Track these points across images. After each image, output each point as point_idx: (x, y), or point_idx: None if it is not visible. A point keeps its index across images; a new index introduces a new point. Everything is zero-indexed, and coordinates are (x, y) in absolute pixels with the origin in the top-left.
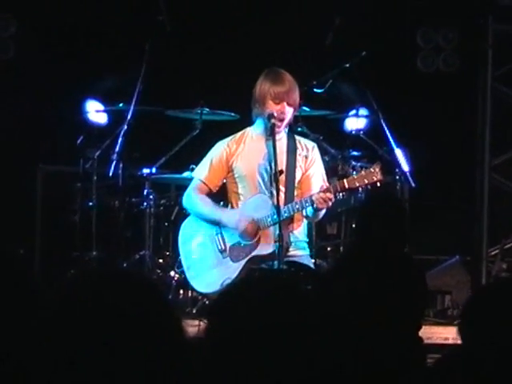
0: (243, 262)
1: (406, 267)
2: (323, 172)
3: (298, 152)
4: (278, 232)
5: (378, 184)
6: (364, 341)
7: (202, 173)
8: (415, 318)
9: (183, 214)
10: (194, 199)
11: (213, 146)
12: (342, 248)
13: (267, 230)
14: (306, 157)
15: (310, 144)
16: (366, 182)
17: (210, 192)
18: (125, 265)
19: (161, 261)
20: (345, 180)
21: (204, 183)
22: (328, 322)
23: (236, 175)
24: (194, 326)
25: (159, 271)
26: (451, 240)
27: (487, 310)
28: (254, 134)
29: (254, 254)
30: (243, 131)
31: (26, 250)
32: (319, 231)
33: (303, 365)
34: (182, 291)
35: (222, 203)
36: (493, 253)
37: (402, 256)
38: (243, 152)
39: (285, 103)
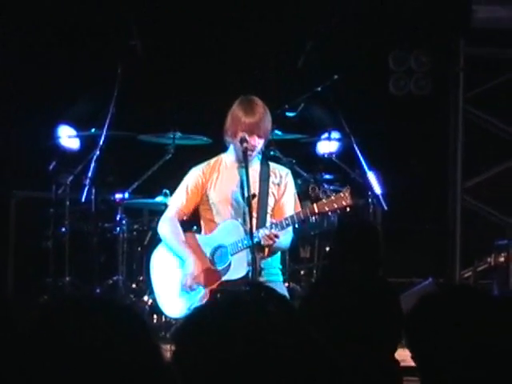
0: (213, 287)
1: (380, 291)
2: (295, 198)
3: (271, 179)
4: (250, 256)
5: (348, 209)
6: (338, 365)
7: (178, 200)
8: (390, 340)
9: (156, 239)
10: (168, 229)
11: (187, 171)
12: (315, 271)
13: (239, 254)
14: (279, 184)
15: (284, 171)
16: (336, 206)
17: (185, 218)
18: (98, 290)
19: (134, 286)
20: (314, 205)
21: (180, 211)
22: (296, 344)
23: (210, 201)
24: (167, 351)
25: (132, 296)
26: (424, 262)
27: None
28: (227, 160)
29: (224, 278)
30: (217, 158)
31: None
32: (292, 254)
33: None
34: (155, 316)
35: (195, 228)
36: (466, 275)
37: (375, 280)
38: (217, 179)
39: (255, 136)
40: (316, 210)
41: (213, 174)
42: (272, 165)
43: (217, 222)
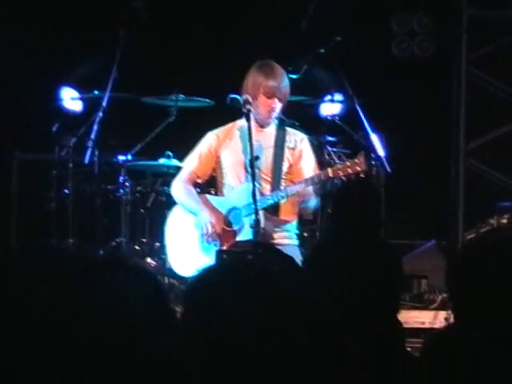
0: (225, 248)
1: (381, 252)
2: (313, 163)
3: (286, 144)
4: (254, 217)
5: (362, 175)
6: (341, 327)
7: (191, 163)
8: (392, 302)
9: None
10: (180, 190)
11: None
12: (318, 233)
13: (251, 216)
14: (293, 148)
15: (299, 136)
16: (350, 171)
17: (199, 181)
18: (101, 252)
19: (137, 247)
20: (329, 169)
21: (193, 173)
22: (300, 306)
23: (223, 166)
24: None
25: (135, 258)
26: (427, 224)
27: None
28: (242, 126)
29: (237, 239)
30: (233, 123)
31: (1, 237)
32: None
33: (277, 347)
34: (158, 277)
35: (212, 191)
36: (469, 237)
37: (377, 240)
38: (231, 143)
39: (276, 99)
40: (330, 175)
41: (226, 139)
42: (288, 129)
43: (230, 185)
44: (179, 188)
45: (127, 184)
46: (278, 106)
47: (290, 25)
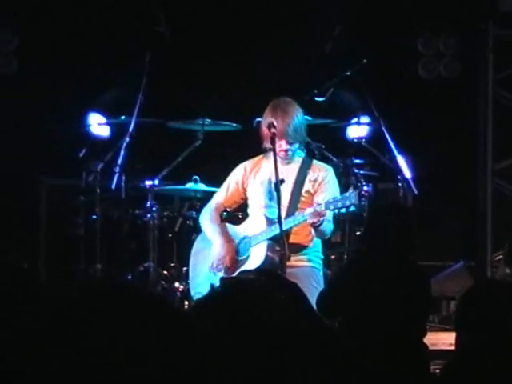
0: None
1: (411, 274)
2: (335, 193)
3: (308, 177)
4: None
5: (352, 208)
6: (351, 352)
7: (219, 194)
8: (420, 324)
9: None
10: (206, 217)
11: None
12: (345, 256)
13: (258, 246)
14: (315, 180)
15: (324, 168)
16: (340, 205)
17: (227, 211)
18: (129, 277)
19: (165, 272)
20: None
21: (221, 204)
22: (304, 332)
23: (248, 196)
24: None
25: (164, 283)
26: (455, 245)
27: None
28: (269, 157)
29: (242, 268)
30: (263, 155)
31: (30, 263)
32: (323, 240)
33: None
34: (186, 302)
35: (240, 215)
36: (497, 258)
37: (407, 263)
38: (257, 174)
39: (284, 141)
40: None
41: (254, 169)
42: (314, 162)
43: (251, 213)
44: (205, 216)
45: (154, 209)
46: (287, 146)
47: (316, 48)
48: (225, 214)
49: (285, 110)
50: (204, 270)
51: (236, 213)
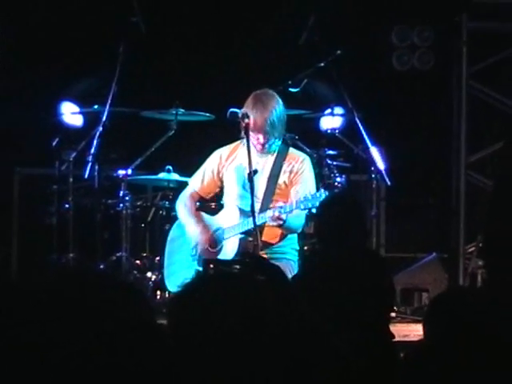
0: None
1: (367, 262)
2: (310, 186)
3: (284, 168)
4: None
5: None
6: (331, 339)
7: (195, 182)
8: (383, 311)
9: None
10: (182, 205)
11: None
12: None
13: (230, 239)
14: (291, 171)
15: (300, 157)
16: (310, 205)
17: (203, 198)
18: (102, 266)
19: (138, 262)
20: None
21: (195, 193)
22: (288, 318)
23: (225, 184)
24: None
25: (136, 272)
26: (428, 237)
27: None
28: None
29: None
30: (239, 141)
31: (2, 252)
32: None
33: (262, 360)
34: (159, 292)
35: (212, 206)
36: (469, 250)
37: (362, 252)
38: (233, 163)
39: (261, 134)
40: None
41: (230, 157)
42: (291, 151)
43: (228, 204)
44: (180, 204)
45: (127, 198)
46: (266, 138)
47: (290, 39)
48: (198, 203)
49: (264, 104)
50: (179, 258)
51: (209, 203)
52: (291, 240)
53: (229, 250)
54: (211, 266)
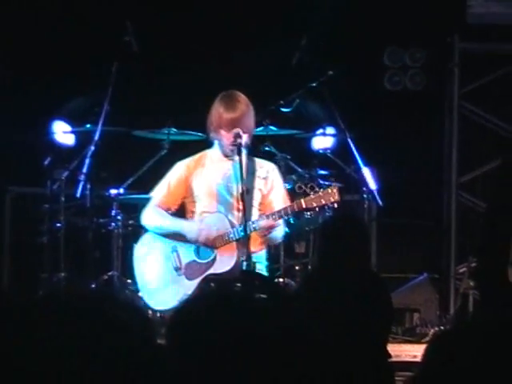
0: (198, 280)
1: (369, 284)
2: (284, 193)
3: (257, 174)
4: (242, 249)
5: (336, 205)
6: (330, 356)
7: (160, 193)
8: (381, 333)
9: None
10: (153, 214)
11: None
12: (310, 267)
13: (224, 248)
14: (265, 178)
15: (270, 165)
16: (323, 202)
17: (168, 211)
18: (93, 285)
19: (129, 281)
20: (302, 200)
21: (162, 203)
22: (288, 334)
23: (195, 194)
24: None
25: (127, 291)
26: (419, 258)
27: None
28: (212, 155)
29: (209, 271)
30: (202, 153)
31: None
32: (287, 250)
33: (263, 377)
34: (150, 312)
35: None
36: (461, 270)
37: (365, 273)
38: (202, 172)
39: (246, 135)
40: (304, 205)
41: (197, 168)
42: (257, 160)
43: (202, 215)
44: (151, 214)
45: (119, 217)
46: (243, 137)
47: (282, 59)
48: None
49: (236, 99)
50: (158, 276)
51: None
52: (263, 256)
53: (225, 260)
54: (212, 284)
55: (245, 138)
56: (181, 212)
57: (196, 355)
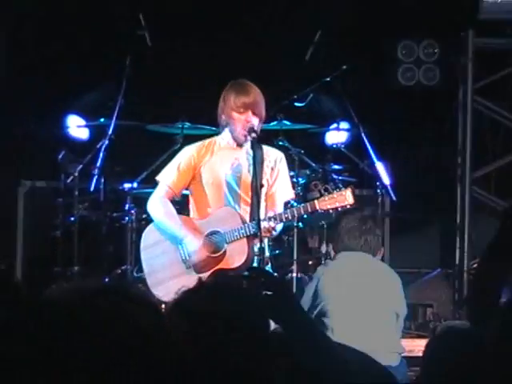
0: (206, 275)
1: None
2: (288, 184)
3: (265, 163)
4: (259, 245)
5: (349, 207)
6: (338, 352)
7: (168, 178)
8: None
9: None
10: (160, 208)
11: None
12: (323, 261)
13: (234, 243)
14: (272, 168)
15: (278, 155)
16: (338, 205)
17: (175, 197)
18: (106, 279)
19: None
20: (316, 201)
21: (170, 188)
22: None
23: (203, 181)
24: None
25: (141, 285)
26: (433, 253)
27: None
28: (221, 142)
29: (218, 267)
30: (211, 139)
31: (7, 265)
32: (301, 244)
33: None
34: (163, 305)
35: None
36: (474, 265)
37: None
38: (211, 160)
39: (250, 112)
40: (317, 207)
41: (206, 155)
42: (265, 147)
43: (210, 205)
44: (158, 206)
45: (133, 211)
46: (255, 121)
47: (296, 54)
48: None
49: (247, 85)
50: (165, 266)
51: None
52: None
53: (236, 255)
54: (219, 277)
55: (256, 123)
56: (183, 206)
57: (192, 347)
